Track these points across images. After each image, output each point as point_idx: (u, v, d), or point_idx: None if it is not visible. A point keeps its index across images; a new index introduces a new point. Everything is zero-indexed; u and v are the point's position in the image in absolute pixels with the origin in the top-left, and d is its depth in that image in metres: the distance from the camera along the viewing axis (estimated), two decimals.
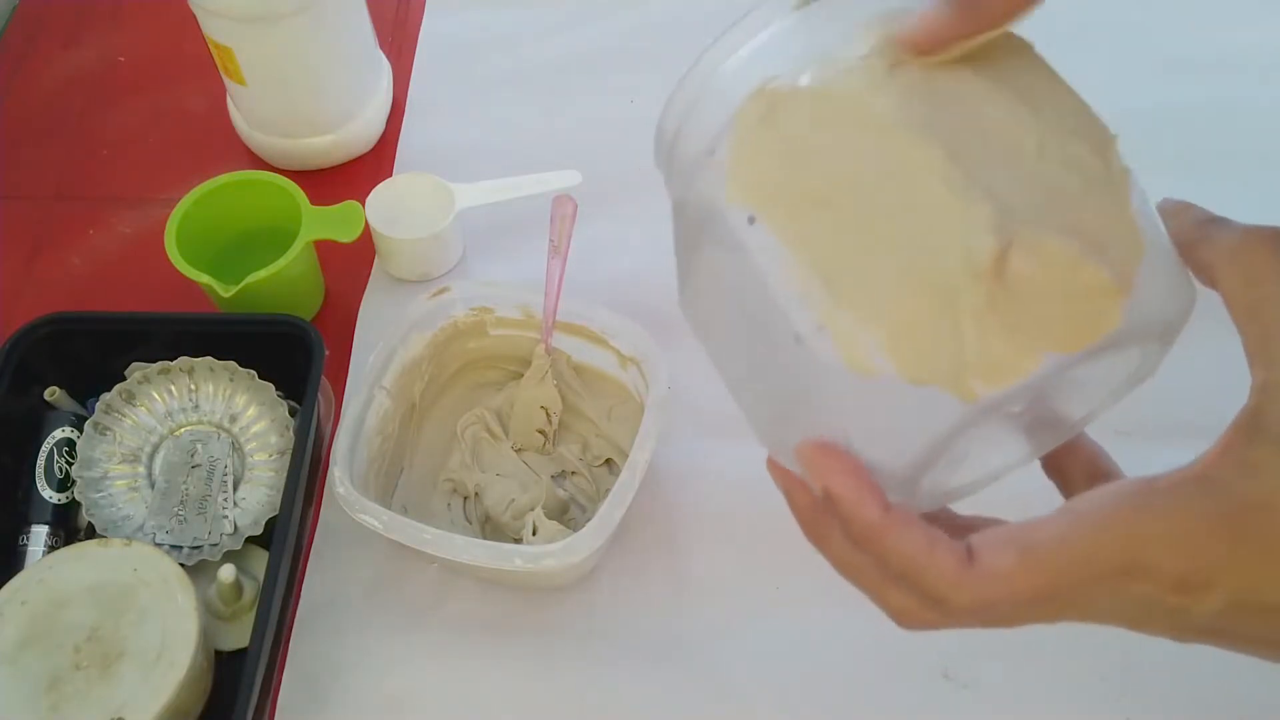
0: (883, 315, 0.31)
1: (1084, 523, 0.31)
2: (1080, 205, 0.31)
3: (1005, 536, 0.32)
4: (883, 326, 0.31)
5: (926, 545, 0.32)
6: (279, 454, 0.67)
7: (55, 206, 0.83)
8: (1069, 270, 0.30)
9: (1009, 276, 0.30)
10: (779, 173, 0.33)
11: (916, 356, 0.31)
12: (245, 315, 0.71)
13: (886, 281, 0.31)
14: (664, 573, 0.65)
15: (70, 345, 0.67)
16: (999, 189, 0.31)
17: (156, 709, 0.54)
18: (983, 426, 0.32)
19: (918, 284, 0.31)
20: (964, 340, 0.30)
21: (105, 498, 0.65)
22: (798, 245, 0.33)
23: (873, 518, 0.33)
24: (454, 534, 0.59)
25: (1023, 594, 0.32)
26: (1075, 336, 0.31)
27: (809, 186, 0.33)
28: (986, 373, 0.30)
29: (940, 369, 0.31)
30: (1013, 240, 0.30)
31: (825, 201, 0.32)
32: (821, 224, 0.32)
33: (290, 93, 0.78)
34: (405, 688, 0.62)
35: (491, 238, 0.79)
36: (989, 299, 0.30)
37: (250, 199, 0.74)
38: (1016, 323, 0.30)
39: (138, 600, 0.57)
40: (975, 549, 0.32)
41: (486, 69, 0.90)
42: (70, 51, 0.92)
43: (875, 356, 0.31)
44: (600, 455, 0.70)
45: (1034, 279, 0.30)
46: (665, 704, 0.61)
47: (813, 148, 0.33)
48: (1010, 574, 0.31)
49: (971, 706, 0.61)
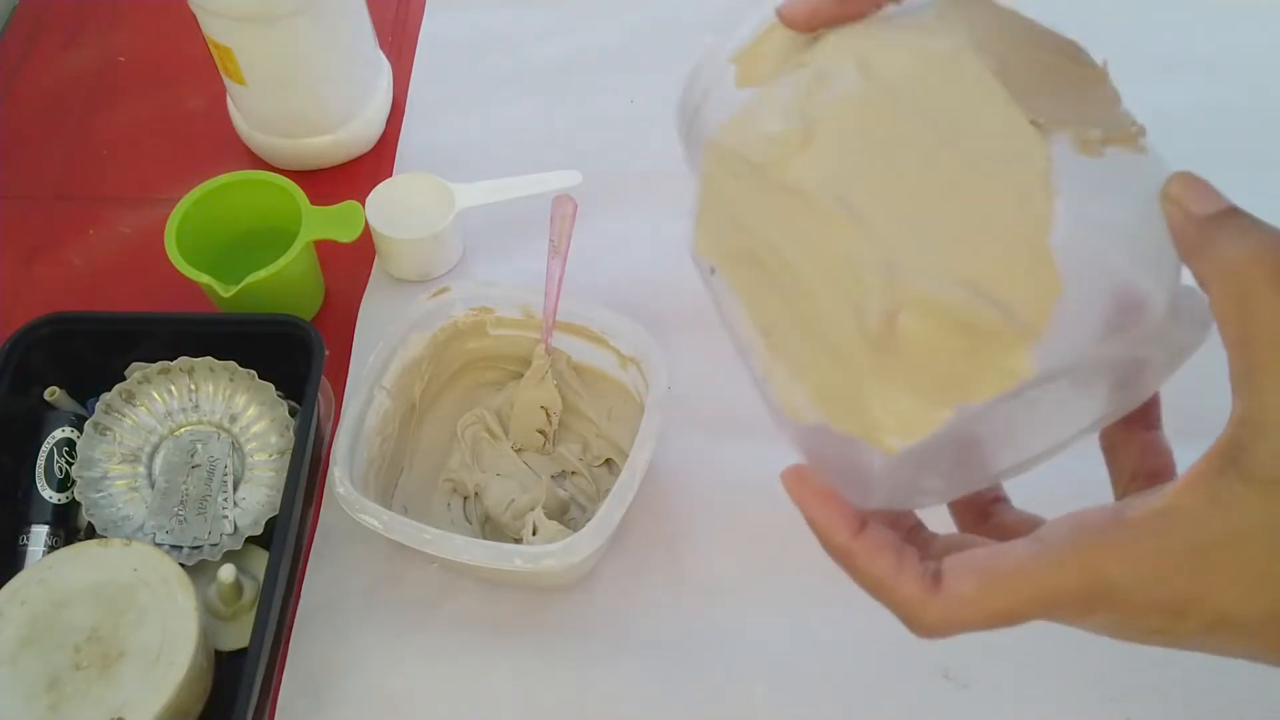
0: (805, 373, 0.33)
1: (1046, 554, 0.32)
2: (990, 243, 0.31)
3: (970, 563, 0.33)
4: (807, 382, 0.33)
5: (894, 568, 0.34)
6: (279, 454, 0.67)
7: (55, 206, 0.83)
8: (961, 323, 0.30)
9: (902, 336, 0.31)
10: (730, 227, 0.35)
11: (836, 413, 0.33)
12: (245, 315, 0.71)
13: (803, 342, 0.33)
14: (664, 573, 0.65)
15: (70, 345, 0.67)
16: (902, 242, 0.31)
17: (156, 709, 0.54)
18: (938, 447, 0.32)
19: (824, 347, 0.32)
20: (868, 400, 0.32)
21: (105, 498, 0.65)
22: (745, 300, 0.35)
23: (841, 541, 0.35)
24: (454, 534, 0.59)
25: (983, 616, 0.33)
26: (983, 386, 0.31)
27: (748, 245, 0.34)
28: (897, 428, 0.31)
29: (858, 423, 0.32)
30: (902, 301, 0.31)
31: (759, 262, 0.34)
32: (757, 283, 0.34)
33: (290, 93, 0.78)
34: (405, 688, 0.62)
35: (491, 238, 0.79)
36: (885, 360, 0.31)
37: (250, 199, 0.74)
38: (918, 378, 0.31)
39: (138, 600, 0.57)
40: (943, 572, 0.33)
41: (486, 69, 0.90)
42: (70, 51, 0.92)
43: (806, 408, 0.33)
44: (600, 455, 0.70)
45: (927, 335, 0.31)
46: (665, 704, 0.61)
47: (749, 206, 0.34)
48: (972, 599, 0.33)
49: (971, 706, 0.61)
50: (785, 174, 0.33)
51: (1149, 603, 0.31)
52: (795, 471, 0.36)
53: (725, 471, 0.68)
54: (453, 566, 0.64)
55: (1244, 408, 0.30)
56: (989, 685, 0.61)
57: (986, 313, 0.30)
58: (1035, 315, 0.30)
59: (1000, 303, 0.30)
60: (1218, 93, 0.85)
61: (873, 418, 0.32)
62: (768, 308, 0.34)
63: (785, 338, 0.34)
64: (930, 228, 0.31)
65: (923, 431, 0.31)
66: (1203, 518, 0.30)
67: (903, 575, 0.34)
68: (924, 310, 0.31)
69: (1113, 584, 0.31)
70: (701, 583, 0.65)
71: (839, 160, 0.32)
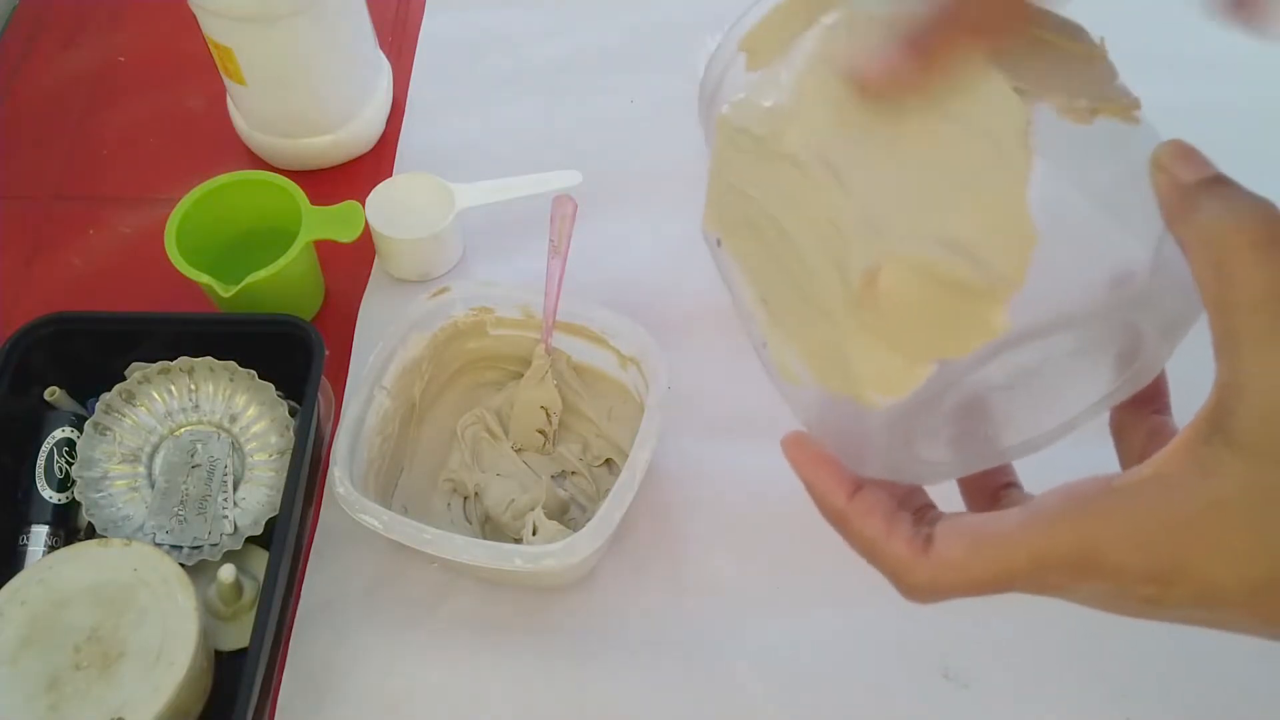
0: (796, 336, 0.35)
1: (1036, 520, 0.32)
2: (968, 200, 0.32)
3: (960, 527, 0.34)
4: (800, 345, 0.35)
5: (885, 531, 0.35)
6: (279, 454, 0.67)
7: (55, 206, 0.83)
8: (941, 279, 0.31)
9: (883, 294, 0.32)
10: (734, 200, 0.37)
11: (825, 372, 0.34)
12: (245, 315, 0.71)
13: (796, 306, 0.35)
14: (664, 573, 0.65)
15: (70, 345, 0.67)
16: (883, 202, 0.32)
17: (157, 709, 0.54)
18: (939, 405, 0.34)
19: (814, 308, 0.34)
20: (851, 358, 0.33)
21: (105, 498, 0.65)
22: (746, 269, 0.37)
23: (837, 504, 0.36)
24: (454, 534, 0.59)
25: (971, 582, 0.33)
26: (963, 341, 0.31)
27: (749, 215, 0.36)
28: (880, 384, 0.33)
29: (844, 380, 0.33)
30: (881, 259, 0.32)
31: (758, 231, 0.36)
32: (756, 252, 0.36)
33: (290, 92, 0.78)
34: (405, 687, 0.62)
35: (491, 238, 0.79)
36: (867, 317, 0.32)
37: (250, 199, 0.74)
38: (900, 335, 0.32)
39: (138, 600, 0.57)
40: (934, 537, 0.34)
41: (486, 69, 0.90)
42: (70, 51, 0.92)
43: (800, 370, 0.35)
44: (600, 455, 0.70)
45: (907, 292, 0.31)
46: (665, 704, 0.61)
47: (752, 178, 0.36)
48: (960, 563, 0.33)
49: (971, 706, 0.61)
50: (780, 144, 0.34)
51: (1137, 571, 0.31)
52: (794, 437, 0.37)
53: (726, 471, 0.68)
54: (453, 566, 0.64)
55: (1225, 372, 0.29)
56: (989, 685, 0.61)
57: (964, 268, 0.31)
58: (1012, 268, 0.31)
59: (977, 257, 0.31)
60: (1218, 93, 0.85)
61: (857, 373, 0.33)
62: (766, 275, 0.36)
63: (781, 304, 0.36)
64: (910, 188, 0.32)
65: (906, 387, 0.32)
66: (1188, 484, 0.30)
67: (893, 537, 0.35)
68: (903, 268, 0.31)
69: (1102, 550, 0.31)
70: (701, 583, 0.65)
71: (826, 127, 0.34)
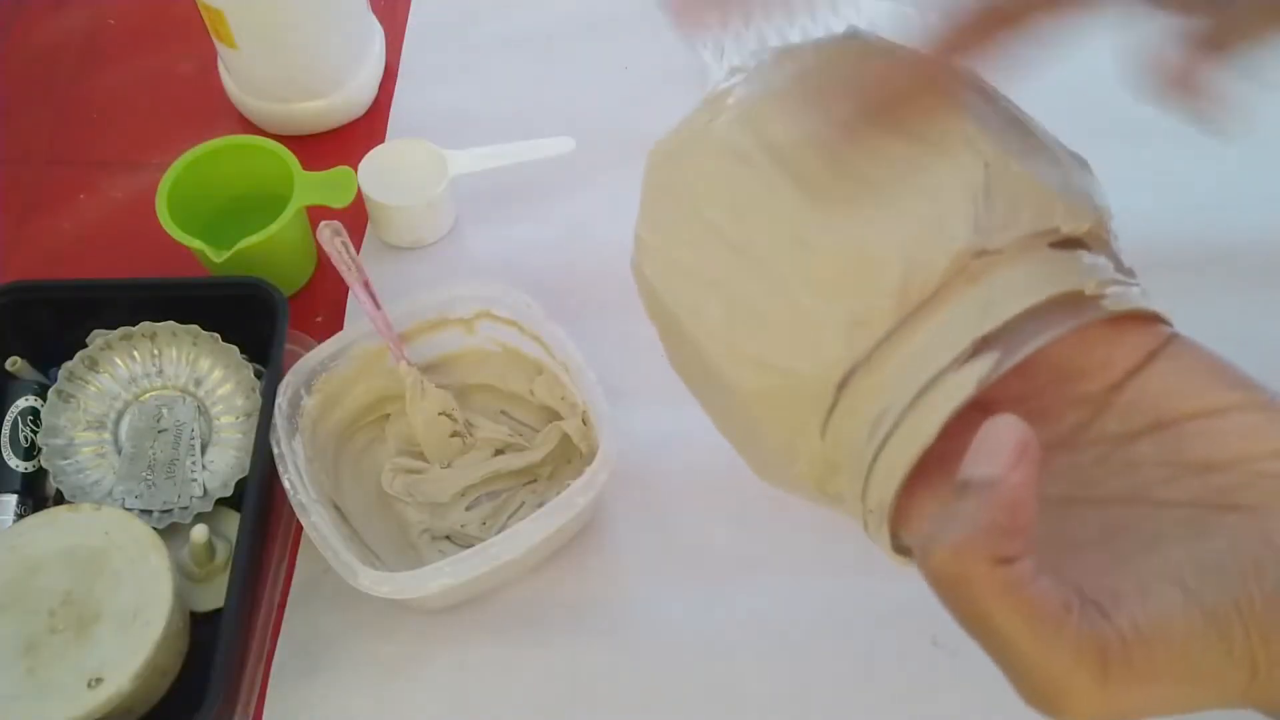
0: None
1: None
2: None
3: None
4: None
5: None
6: (245, 416, 0.67)
7: (46, 171, 0.83)
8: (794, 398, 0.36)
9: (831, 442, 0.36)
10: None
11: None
12: (209, 279, 0.70)
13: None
14: (649, 549, 0.65)
15: (30, 315, 0.67)
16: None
17: (135, 667, 0.54)
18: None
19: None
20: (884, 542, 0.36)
21: (72, 464, 0.65)
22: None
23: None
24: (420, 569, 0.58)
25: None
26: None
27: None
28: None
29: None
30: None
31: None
32: None
33: (282, 56, 0.78)
34: (399, 655, 0.62)
35: (484, 204, 0.79)
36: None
37: (242, 164, 0.74)
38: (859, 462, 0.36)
39: (111, 563, 0.57)
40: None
41: (480, 34, 0.89)
42: (59, 14, 0.91)
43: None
44: (529, 418, 0.69)
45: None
46: (653, 672, 0.61)
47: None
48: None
49: (960, 673, 0.61)
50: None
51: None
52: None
53: (696, 441, 0.68)
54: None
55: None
56: (978, 652, 0.61)
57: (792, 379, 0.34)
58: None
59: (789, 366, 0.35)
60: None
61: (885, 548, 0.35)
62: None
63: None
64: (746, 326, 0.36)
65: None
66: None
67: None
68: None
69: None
70: (687, 556, 0.65)
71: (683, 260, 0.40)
